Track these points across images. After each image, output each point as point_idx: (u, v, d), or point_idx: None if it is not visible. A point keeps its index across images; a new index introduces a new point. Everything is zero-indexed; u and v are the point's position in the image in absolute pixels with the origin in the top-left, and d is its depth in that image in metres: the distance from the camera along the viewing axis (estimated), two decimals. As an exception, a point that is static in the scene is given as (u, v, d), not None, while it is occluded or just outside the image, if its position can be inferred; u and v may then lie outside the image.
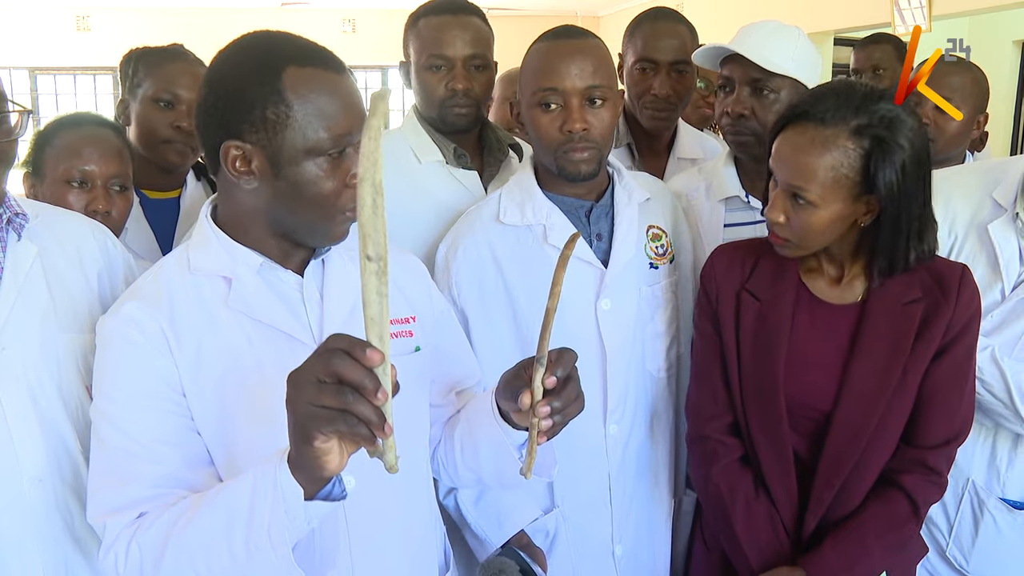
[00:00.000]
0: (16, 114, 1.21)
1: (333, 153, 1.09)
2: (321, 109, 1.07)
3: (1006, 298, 1.61)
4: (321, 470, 0.90)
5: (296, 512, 0.94)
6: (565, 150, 1.47)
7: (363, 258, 0.80)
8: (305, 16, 9.02)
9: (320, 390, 0.84)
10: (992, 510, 1.68)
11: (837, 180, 1.32)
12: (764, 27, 1.74)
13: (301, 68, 1.07)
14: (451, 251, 1.57)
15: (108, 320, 1.14)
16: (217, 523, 0.99)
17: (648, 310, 1.60)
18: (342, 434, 0.86)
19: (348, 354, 0.83)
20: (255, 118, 1.07)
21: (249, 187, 1.11)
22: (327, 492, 0.97)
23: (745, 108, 1.70)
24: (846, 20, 6.03)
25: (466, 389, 1.38)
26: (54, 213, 1.39)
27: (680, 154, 2.19)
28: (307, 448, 0.88)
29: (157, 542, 1.03)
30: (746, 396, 1.47)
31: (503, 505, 1.52)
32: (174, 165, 1.97)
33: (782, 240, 1.40)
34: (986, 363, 1.57)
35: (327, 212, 1.11)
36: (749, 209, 1.78)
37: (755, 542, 1.46)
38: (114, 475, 1.09)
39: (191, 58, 2.00)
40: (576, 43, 1.47)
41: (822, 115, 1.32)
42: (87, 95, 8.89)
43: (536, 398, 1.01)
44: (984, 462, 1.69)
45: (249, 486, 0.97)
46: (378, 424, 0.83)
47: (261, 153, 1.08)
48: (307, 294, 1.18)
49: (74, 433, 1.28)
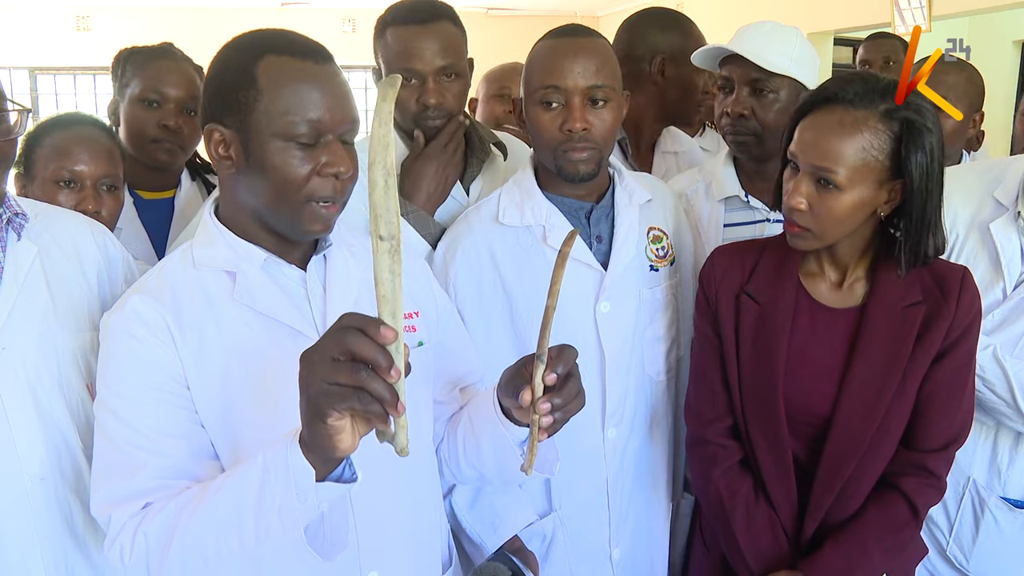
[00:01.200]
0: (15, 113, 1.21)
1: (305, 141, 1.09)
2: (292, 95, 1.08)
3: (1007, 297, 1.61)
4: (334, 450, 0.89)
5: (307, 493, 0.94)
6: (564, 149, 1.46)
7: (375, 238, 0.80)
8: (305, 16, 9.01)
9: (334, 367, 0.85)
10: (993, 509, 1.67)
11: (866, 163, 1.30)
12: (762, 27, 1.74)
13: (278, 56, 1.09)
14: (449, 251, 1.56)
15: (112, 315, 1.15)
16: (226, 507, 0.99)
17: (648, 313, 1.59)
18: (355, 412, 0.86)
19: (362, 331, 0.83)
20: (231, 101, 1.09)
21: (227, 172, 1.14)
22: (338, 475, 0.96)
23: (745, 108, 1.71)
24: (846, 20, 6.02)
25: (469, 386, 1.38)
26: (53, 213, 1.39)
27: (664, 148, 2.21)
28: (320, 426, 0.88)
29: (164, 531, 1.03)
30: (745, 399, 1.46)
31: (498, 509, 1.51)
32: (163, 164, 1.97)
33: (801, 229, 1.36)
34: (988, 362, 1.57)
35: (293, 200, 1.11)
36: (749, 209, 1.78)
37: (755, 546, 1.46)
38: (118, 467, 1.09)
39: (178, 56, 2.00)
40: (581, 42, 1.46)
41: (851, 98, 1.31)
42: (87, 95, 8.87)
43: (537, 395, 1.01)
44: (985, 461, 1.69)
45: (259, 468, 0.97)
46: (391, 402, 0.84)
47: (236, 137, 1.10)
48: (310, 288, 1.19)
49: (75, 431, 1.29)
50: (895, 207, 1.36)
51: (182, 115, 1.94)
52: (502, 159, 1.85)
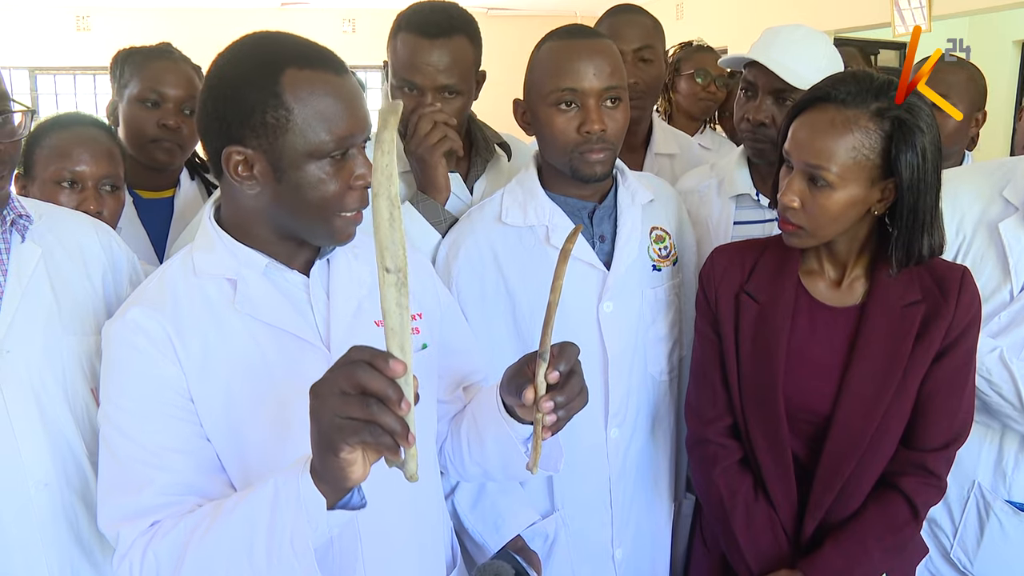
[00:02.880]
0: (19, 114, 1.21)
1: (336, 155, 1.08)
2: (321, 111, 1.06)
3: (1015, 299, 1.60)
4: (345, 480, 0.91)
5: (318, 521, 0.95)
6: (582, 151, 1.46)
7: (381, 270, 0.81)
8: (305, 16, 9.01)
9: (345, 401, 0.85)
10: (998, 512, 1.67)
11: (857, 162, 1.31)
12: (790, 34, 1.71)
13: (300, 70, 1.06)
14: (452, 251, 1.56)
15: (113, 325, 1.14)
16: (237, 532, 1.00)
17: (650, 313, 1.59)
18: (367, 444, 0.87)
19: (371, 365, 0.84)
20: (255, 122, 1.06)
21: (252, 192, 1.11)
22: (346, 500, 0.98)
23: (766, 117, 1.70)
24: (846, 20, 6.03)
25: (473, 384, 1.38)
26: (57, 214, 1.38)
27: (657, 150, 2.19)
28: (332, 459, 0.89)
29: (175, 551, 1.04)
30: (745, 399, 1.46)
31: (500, 509, 1.51)
32: (163, 164, 1.97)
33: (794, 227, 1.37)
34: (995, 365, 1.56)
35: (330, 214, 1.11)
36: (759, 207, 1.79)
37: (755, 545, 1.46)
38: (125, 483, 1.09)
39: (177, 56, 1.99)
40: (593, 43, 1.46)
41: (843, 97, 1.32)
42: (87, 95, 8.87)
43: (539, 393, 1.01)
44: (991, 464, 1.68)
45: (269, 495, 0.98)
46: (402, 434, 0.84)
47: (263, 158, 1.08)
48: (313, 294, 1.18)
49: (80, 436, 1.28)
50: (890, 205, 1.37)
51: (181, 115, 1.94)
52: (506, 159, 1.85)
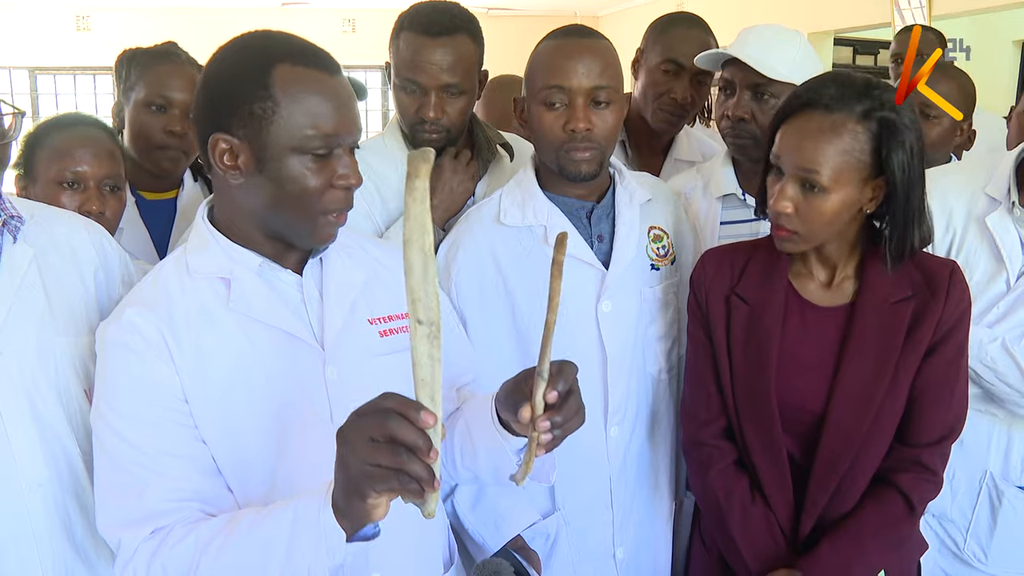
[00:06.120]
0: (10, 116, 1.20)
1: (321, 152, 1.09)
2: (309, 108, 1.07)
3: (1011, 288, 1.64)
4: (367, 519, 0.94)
5: (337, 553, 0.97)
6: (567, 149, 1.47)
7: (414, 322, 0.81)
8: (305, 16, 9.01)
9: (374, 449, 0.86)
10: (1011, 498, 1.69)
11: (849, 164, 1.32)
12: (766, 32, 1.75)
13: (292, 67, 1.08)
14: (451, 252, 1.56)
15: (108, 327, 1.14)
16: (252, 555, 1.01)
17: (649, 312, 1.60)
18: (394, 491, 0.89)
19: (401, 415, 0.85)
20: (243, 113, 1.08)
21: (236, 182, 1.12)
22: (362, 532, 0.99)
23: (745, 112, 1.73)
24: (846, 20, 6.03)
25: (464, 386, 1.38)
26: (49, 214, 1.37)
27: (678, 156, 2.19)
28: (360, 504, 0.91)
29: (185, 565, 1.04)
30: (738, 400, 1.47)
31: (500, 509, 1.51)
32: (167, 172, 1.95)
33: (788, 232, 1.38)
34: (998, 353, 1.60)
35: (309, 211, 1.12)
36: (745, 207, 1.80)
37: (752, 545, 1.46)
38: (124, 487, 1.09)
39: (183, 58, 1.96)
40: (585, 42, 1.47)
41: (827, 103, 1.32)
42: (87, 95, 8.88)
43: (537, 413, 1.01)
44: (1001, 453, 1.71)
45: (288, 523, 0.99)
46: (428, 480, 0.86)
47: (247, 148, 1.09)
48: (307, 293, 1.19)
49: (73, 438, 1.27)
50: (879, 203, 1.38)
51: (187, 120, 1.91)
52: (508, 160, 1.85)
